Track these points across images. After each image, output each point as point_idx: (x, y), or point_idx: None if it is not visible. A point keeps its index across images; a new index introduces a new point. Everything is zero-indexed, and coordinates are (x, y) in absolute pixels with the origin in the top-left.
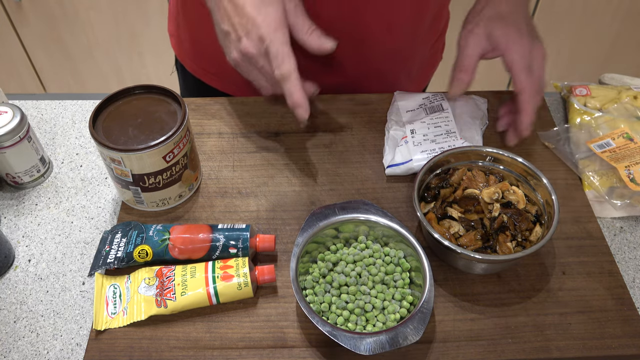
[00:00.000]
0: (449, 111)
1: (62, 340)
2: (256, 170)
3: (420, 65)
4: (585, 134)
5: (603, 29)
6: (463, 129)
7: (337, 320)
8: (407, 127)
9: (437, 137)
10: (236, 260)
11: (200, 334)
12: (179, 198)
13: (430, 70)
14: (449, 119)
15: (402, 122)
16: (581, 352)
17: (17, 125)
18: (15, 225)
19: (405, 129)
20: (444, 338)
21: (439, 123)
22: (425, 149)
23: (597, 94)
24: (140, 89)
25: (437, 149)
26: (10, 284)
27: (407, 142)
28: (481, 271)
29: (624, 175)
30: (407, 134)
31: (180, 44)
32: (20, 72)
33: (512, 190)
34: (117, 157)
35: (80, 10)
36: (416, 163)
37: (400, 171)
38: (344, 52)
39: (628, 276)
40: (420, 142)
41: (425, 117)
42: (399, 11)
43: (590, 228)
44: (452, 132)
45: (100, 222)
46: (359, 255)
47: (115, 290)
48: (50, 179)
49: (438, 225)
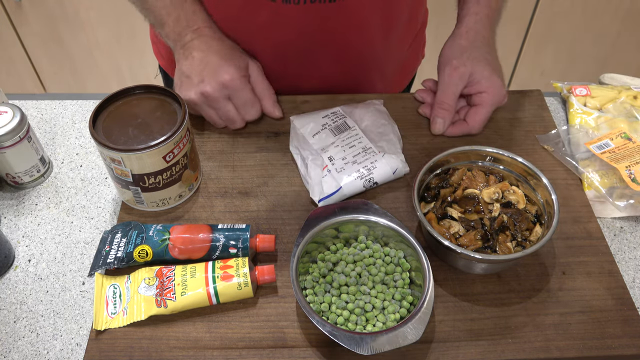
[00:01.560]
0: (356, 127)
1: (62, 340)
2: (256, 170)
3: (396, 67)
4: (583, 135)
5: (603, 29)
6: (376, 139)
7: (337, 320)
8: (323, 155)
9: (356, 157)
10: (236, 260)
11: (200, 334)
12: (179, 198)
13: (409, 72)
14: (359, 135)
15: (315, 150)
16: (581, 352)
17: (17, 125)
18: (15, 225)
19: (323, 158)
20: (444, 338)
21: (352, 142)
22: (349, 173)
23: (597, 94)
24: (140, 89)
25: (361, 169)
26: (10, 284)
27: (330, 172)
28: (481, 271)
29: (625, 175)
30: (327, 163)
31: (162, 51)
32: (20, 72)
33: (512, 190)
34: (117, 157)
35: (80, 10)
36: (347, 190)
37: (333, 201)
38: (317, 57)
39: (628, 276)
40: (343, 167)
41: (334, 138)
42: (368, 15)
43: (590, 228)
44: (368, 147)
45: (100, 222)
46: (359, 255)
47: (115, 290)
48: (50, 179)
49: (438, 225)
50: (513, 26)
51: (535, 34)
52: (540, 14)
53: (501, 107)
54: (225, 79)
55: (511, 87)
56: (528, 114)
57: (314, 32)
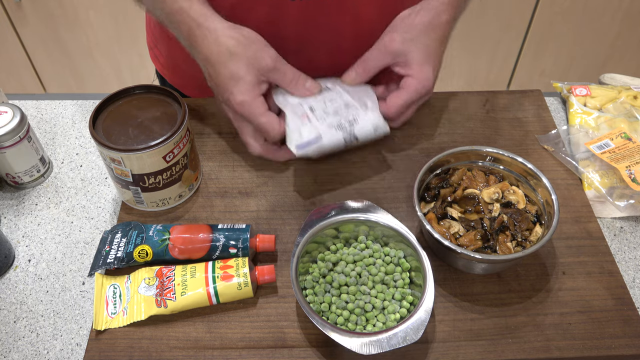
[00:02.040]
0: (337, 87)
1: (62, 340)
2: (256, 170)
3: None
4: (583, 135)
5: (603, 29)
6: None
7: (337, 320)
8: (304, 105)
9: (338, 109)
10: (236, 260)
11: (200, 334)
12: (179, 198)
13: None
14: (341, 92)
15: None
16: (581, 352)
17: (17, 125)
18: (15, 225)
19: (303, 107)
20: (444, 338)
21: (334, 97)
22: (331, 123)
23: (597, 94)
24: (140, 89)
25: (342, 121)
26: (10, 284)
27: (310, 120)
28: (481, 271)
29: (625, 175)
30: (307, 112)
31: (159, 57)
32: (20, 72)
33: (512, 190)
34: (117, 157)
35: (80, 10)
36: (326, 140)
37: (312, 151)
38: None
39: (628, 276)
40: (324, 117)
41: (317, 96)
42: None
43: (590, 228)
44: (350, 103)
45: (100, 222)
46: (359, 255)
47: (115, 290)
48: (50, 179)
49: (438, 225)
50: (513, 26)
51: (535, 34)
52: (540, 14)
53: (501, 107)
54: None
55: (511, 87)
56: (528, 114)
57: (312, 28)
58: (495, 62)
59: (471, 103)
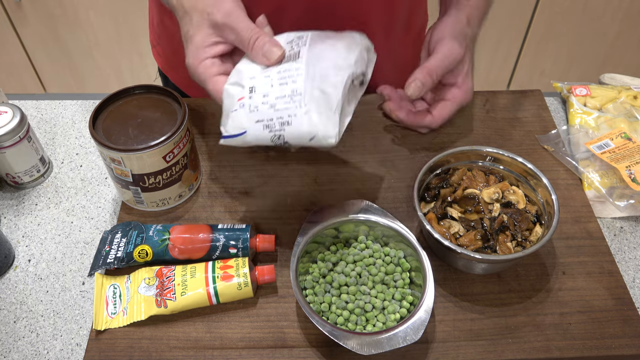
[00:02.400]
0: (302, 63)
1: (62, 340)
2: (256, 170)
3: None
4: (583, 135)
5: (603, 29)
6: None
7: (337, 320)
8: (245, 83)
9: (278, 100)
10: (236, 260)
11: (200, 334)
12: (179, 198)
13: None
14: (299, 74)
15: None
16: (581, 352)
17: (17, 125)
18: (15, 225)
19: (244, 86)
20: (444, 338)
21: (286, 79)
22: (261, 118)
23: (597, 94)
24: (140, 89)
25: (274, 119)
26: (10, 284)
27: (243, 106)
28: (481, 271)
29: (625, 175)
30: (245, 94)
31: (161, 55)
32: (20, 72)
33: (512, 190)
34: (117, 157)
35: (80, 10)
36: (251, 137)
37: (236, 144)
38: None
39: (628, 276)
40: (257, 106)
41: (275, 67)
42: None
43: (590, 228)
44: (298, 94)
45: (100, 222)
46: (359, 255)
47: (115, 290)
48: (50, 179)
49: (438, 225)
50: (513, 26)
51: (535, 34)
52: (540, 14)
53: (501, 107)
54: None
55: (511, 87)
56: (528, 114)
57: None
58: (495, 62)
59: (471, 103)
